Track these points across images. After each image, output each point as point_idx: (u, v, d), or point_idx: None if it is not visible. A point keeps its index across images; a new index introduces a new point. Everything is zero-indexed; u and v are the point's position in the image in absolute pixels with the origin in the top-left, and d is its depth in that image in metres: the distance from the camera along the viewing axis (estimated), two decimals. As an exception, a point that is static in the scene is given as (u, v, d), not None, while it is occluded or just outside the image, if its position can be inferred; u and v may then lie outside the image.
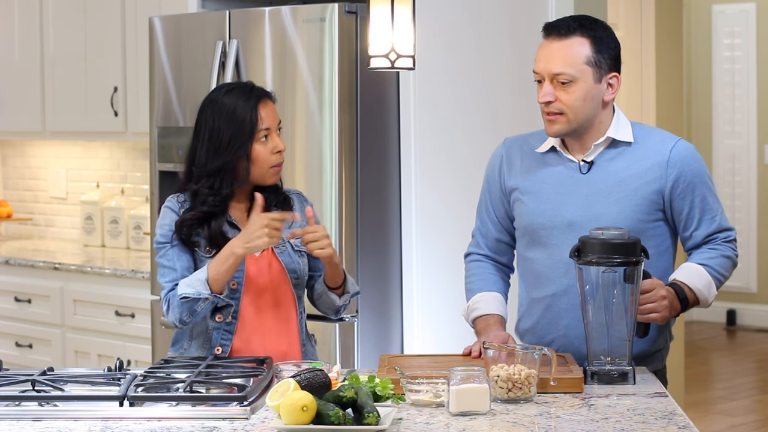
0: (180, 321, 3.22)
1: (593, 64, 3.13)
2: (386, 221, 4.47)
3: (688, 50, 9.31)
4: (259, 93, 3.29)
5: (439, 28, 4.44)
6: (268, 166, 3.26)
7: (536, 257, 3.24)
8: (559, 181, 3.22)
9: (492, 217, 3.37)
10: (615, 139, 3.20)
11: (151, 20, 4.87)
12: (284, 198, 3.35)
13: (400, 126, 4.45)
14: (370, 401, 2.56)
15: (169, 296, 3.23)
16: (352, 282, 3.40)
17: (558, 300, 3.22)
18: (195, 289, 3.17)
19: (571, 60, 3.12)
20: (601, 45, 3.15)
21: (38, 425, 2.64)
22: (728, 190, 9.31)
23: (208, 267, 3.19)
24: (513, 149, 3.33)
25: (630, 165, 3.18)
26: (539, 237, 3.22)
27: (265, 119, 3.26)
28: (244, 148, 3.23)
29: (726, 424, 6.58)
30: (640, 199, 3.16)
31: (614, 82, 3.18)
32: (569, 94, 3.13)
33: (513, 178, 3.30)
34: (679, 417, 2.66)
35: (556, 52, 3.13)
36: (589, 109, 3.15)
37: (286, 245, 3.33)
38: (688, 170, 3.18)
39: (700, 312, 9.46)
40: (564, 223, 3.18)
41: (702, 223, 3.21)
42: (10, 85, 6.19)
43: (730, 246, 3.24)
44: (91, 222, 6.23)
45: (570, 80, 3.12)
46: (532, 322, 3.29)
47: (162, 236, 3.28)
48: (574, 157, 3.22)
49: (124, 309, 5.25)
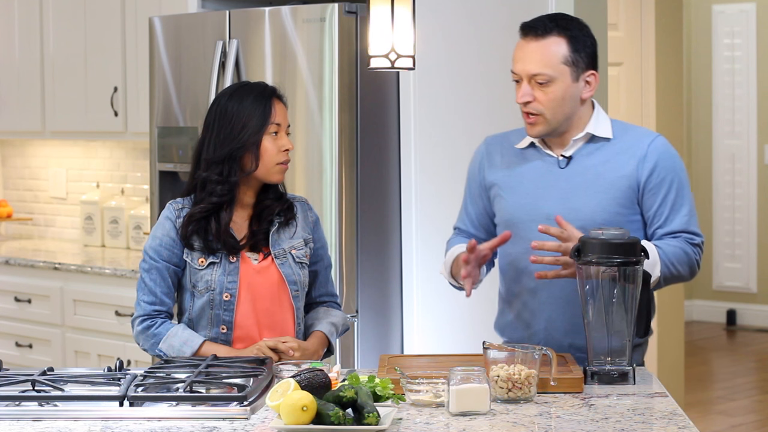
0: (143, 350, 3.32)
1: (570, 64, 3.16)
2: (386, 221, 4.47)
3: (688, 50, 9.31)
4: (274, 91, 3.32)
5: (439, 28, 4.44)
6: (274, 163, 3.26)
7: (515, 251, 3.26)
8: (538, 176, 3.25)
9: (470, 213, 3.41)
10: (594, 134, 3.23)
11: (151, 20, 4.87)
12: (288, 206, 3.35)
13: (400, 126, 4.45)
14: (370, 401, 2.56)
15: (141, 326, 3.28)
16: (342, 325, 3.44)
17: (537, 294, 3.24)
18: (175, 353, 3.23)
19: (549, 60, 3.15)
20: (577, 44, 3.17)
21: (38, 425, 2.64)
22: (728, 190, 9.31)
23: (201, 344, 3.23)
24: (494, 146, 3.38)
25: (608, 159, 3.21)
26: (518, 231, 3.24)
27: (278, 115, 3.27)
28: (254, 138, 3.23)
29: (726, 424, 6.58)
30: (617, 192, 3.19)
31: (591, 80, 3.21)
32: (547, 95, 3.16)
33: (493, 174, 3.33)
34: (679, 417, 2.66)
35: (533, 53, 3.16)
36: (568, 108, 3.18)
37: (287, 256, 3.32)
38: (663, 166, 3.20)
39: (700, 312, 9.46)
40: (542, 217, 3.20)
41: (669, 221, 3.20)
42: (10, 85, 6.20)
43: (693, 249, 3.22)
44: (91, 222, 6.23)
45: (548, 80, 3.15)
46: (512, 316, 3.31)
47: (151, 249, 3.30)
48: (553, 152, 3.26)
49: (124, 309, 5.25)
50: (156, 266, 3.28)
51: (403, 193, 4.45)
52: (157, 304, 3.28)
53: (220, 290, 3.25)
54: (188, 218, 3.25)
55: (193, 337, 3.23)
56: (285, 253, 3.30)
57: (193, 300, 3.28)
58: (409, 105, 4.42)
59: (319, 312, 3.42)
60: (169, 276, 3.28)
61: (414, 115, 4.41)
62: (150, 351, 3.29)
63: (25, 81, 6.11)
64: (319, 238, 3.41)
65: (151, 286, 3.28)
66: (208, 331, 3.27)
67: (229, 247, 3.25)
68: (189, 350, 3.22)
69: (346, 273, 4.36)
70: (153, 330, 3.26)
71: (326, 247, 3.45)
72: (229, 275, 3.25)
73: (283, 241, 3.31)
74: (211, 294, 3.25)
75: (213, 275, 3.25)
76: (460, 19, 4.52)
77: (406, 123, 4.43)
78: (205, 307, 3.26)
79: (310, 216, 3.40)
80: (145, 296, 3.29)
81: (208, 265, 3.25)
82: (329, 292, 3.47)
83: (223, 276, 3.25)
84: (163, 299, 3.28)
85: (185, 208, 3.29)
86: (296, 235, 3.33)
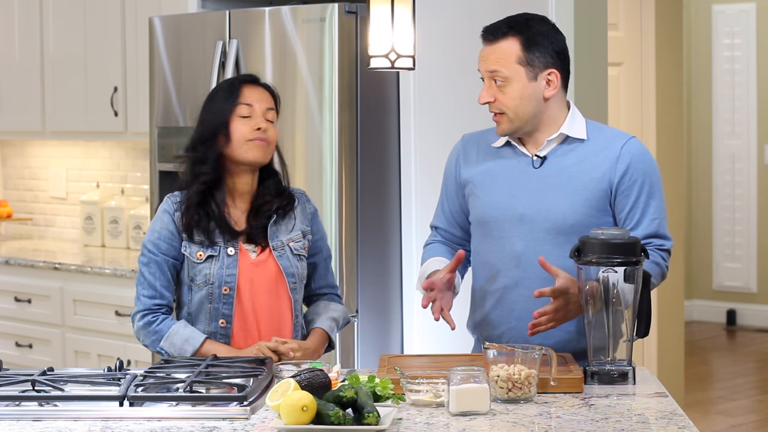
0: (144, 345, 3.32)
1: (525, 64, 3.20)
2: (386, 221, 4.47)
3: (688, 50, 9.31)
4: (244, 77, 3.39)
5: (439, 28, 4.44)
6: (244, 140, 3.27)
7: (488, 250, 3.28)
8: (511, 174, 3.27)
9: (446, 211, 3.43)
10: (568, 135, 3.25)
11: (151, 20, 4.87)
12: (289, 199, 3.36)
13: (400, 126, 4.45)
14: (370, 401, 2.56)
15: (142, 322, 3.28)
16: (343, 318, 3.45)
17: (509, 292, 3.26)
18: (176, 351, 3.23)
19: (503, 61, 3.20)
20: (531, 44, 3.20)
21: (38, 425, 2.64)
22: (728, 190, 9.31)
23: (202, 342, 3.23)
24: (470, 144, 3.40)
25: (582, 160, 3.23)
26: (491, 230, 3.26)
27: (248, 96, 3.30)
28: (222, 119, 3.27)
29: (726, 424, 6.58)
30: (589, 194, 3.20)
31: (552, 78, 3.22)
32: (505, 94, 3.20)
33: (468, 171, 3.35)
34: (679, 417, 2.66)
35: (489, 54, 3.22)
36: (530, 107, 3.21)
37: (285, 248, 3.33)
38: (635, 167, 3.22)
39: (700, 312, 9.46)
40: (515, 216, 3.22)
41: (640, 224, 3.22)
42: (10, 85, 6.19)
43: (662, 255, 3.24)
44: (91, 222, 6.23)
45: (504, 79, 3.19)
46: (484, 314, 3.32)
47: (150, 242, 3.30)
48: (528, 152, 3.27)
49: (124, 309, 5.25)
50: (155, 259, 3.28)
51: (403, 193, 4.45)
52: (156, 297, 3.28)
53: (219, 284, 3.25)
54: (186, 203, 3.27)
55: (195, 334, 3.23)
56: (283, 246, 3.31)
57: (191, 294, 3.28)
58: (409, 105, 4.42)
59: (319, 306, 3.42)
60: (168, 269, 3.29)
61: (414, 115, 4.42)
62: (151, 348, 3.29)
63: (25, 81, 6.11)
64: (318, 229, 3.42)
65: (150, 280, 3.28)
66: (207, 325, 3.27)
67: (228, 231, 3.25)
68: (190, 348, 3.22)
69: (346, 273, 4.37)
70: (154, 327, 3.26)
71: (325, 238, 3.46)
72: (228, 268, 3.25)
73: (282, 234, 3.32)
74: (210, 288, 3.25)
75: (211, 269, 3.25)
76: (460, 19, 4.52)
77: (406, 123, 4.43)
78: (203, 300, 3.26)
79: (308, 208, 3.41)
80: (144, 290, 3.29)
81: (206, 258, 3.26)
82: (329, 284, 3.48)
83: (222, 269, 3.25)
84: (162, 293, 3.28)
85: (183, 201, 3.30)
86: (294, 228, 3.34)
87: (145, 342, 3.30)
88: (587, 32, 4.71)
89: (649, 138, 5.94)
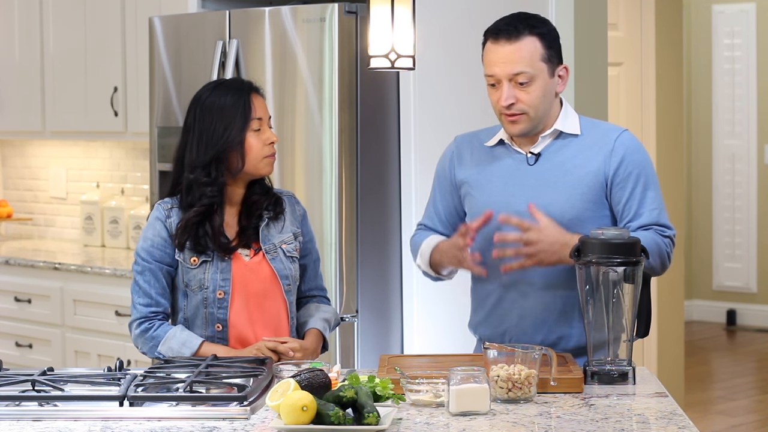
0: (142, 353, 3.31)
1: (547, 60, 3.21)
2: (386, 221, 4.47)
3: (688, 50, 9.31)
4: (251, 86, 3.32)
5: (439, 28, 4.44)
6: (261, 157, 3.26)
7: (488, 249, 3.27)
8: (507, 173, 3.27)
9: (439, 211, 3.42)
10: (562, 131, 3.26)
11: (151, 20, 4.87)
12: (276, 200, 3.35)
13: (400, 126, 4.45)
14: (370, 401, 2.56)
15: (139, 329, 3.28)
16: (334, 320, 3.45)
17: (508, 291, 3.26)
18: (174, 355, 3.22)
19: (529, 60, 3.18)
20: (549, 40, 3.22)
21: (38, 425, 2.64)
22: (728, 190, 9.31)
23: (200, 345, 3.22)
24: (463, 145, 3.40)
25: (576, 155, 3.24)
26: (490, 229, 3.24)
27: (258, 110, 3.27)
28: (238, 138, 3.23)
29: (726, 424, 6.58)
30: (585, 188, 3.21)
31: (563, 74, 3.26)
32: (529, 93, 3.19)
33: (463, 172, 3.35)
34: (679, 417, 2.66)
35: (512, 54, 3.18)
36: (548, 104, 3.22)
37: (278, 251, 3.32)
38: (630, 159, 3.22)
39: (700, 312, 9.47)
40: (513, 214, 3.21)
41: (639, 215, 3.21)
42: (10, 85, 6.20)
43: (664, 240, 3.22)
44: (91, 222, 6.23)
45: (529, 79, 3.18)
46: (485, 314, 3.32)
47: (143, 250, 3.29)
48: (521, 150, 3.27)
49: (124, 309, 5.25)
50: (149, 267, 3.27)
51: (403, 193, 4.45)
52: (152, 305, 3.27)
53: (214, 288, 3.25)
54: (185, 223, 3.25)
55: (192, 337, 3.23)
56: (275, 248, 3.31)
57: (186, 299, 3.28)
58: (409, 105, 4.42)
59: (311, 308, 3.43)
60: (162, 276, 3.28)
61: (414, 115, 4.42)
62: (149, 354, 3.29)
63: (25, 81, 6.11)
64: (307, 231, 3.42)
65: (145, 288, 3.27)
66: (203, 330, 3.27)
67: (223, 249, 3.25)
68: (188, 351, 3.22)
69: (346, 273, 4.37)
70: (151, 333, 3.26)
71: (314, 240, 3.46)
72: (222, 273, 3.25)
73: (273, 236, 3.31)
74: (205, 292, 3.25)
75: (206, 274, 3.25)
76: (460, 19, 4.52)
77: (406, 123, 4.43)
78: (199, 306, 3.26)
79: (297, 210, 3.40)
80: (140, 299, 3.28)
81: (200, 263, 3.25)
82: (318, 286, 3.48)
83: (216, 274, 3.25)
84: (158, 300, 3.28)
85: (174, 207, 3.28)
86: (285, 230, 3.33)
87: (143, 349, 3.30)
88: (587, 32, 4.71)
89: (649, 138, 5.94)
